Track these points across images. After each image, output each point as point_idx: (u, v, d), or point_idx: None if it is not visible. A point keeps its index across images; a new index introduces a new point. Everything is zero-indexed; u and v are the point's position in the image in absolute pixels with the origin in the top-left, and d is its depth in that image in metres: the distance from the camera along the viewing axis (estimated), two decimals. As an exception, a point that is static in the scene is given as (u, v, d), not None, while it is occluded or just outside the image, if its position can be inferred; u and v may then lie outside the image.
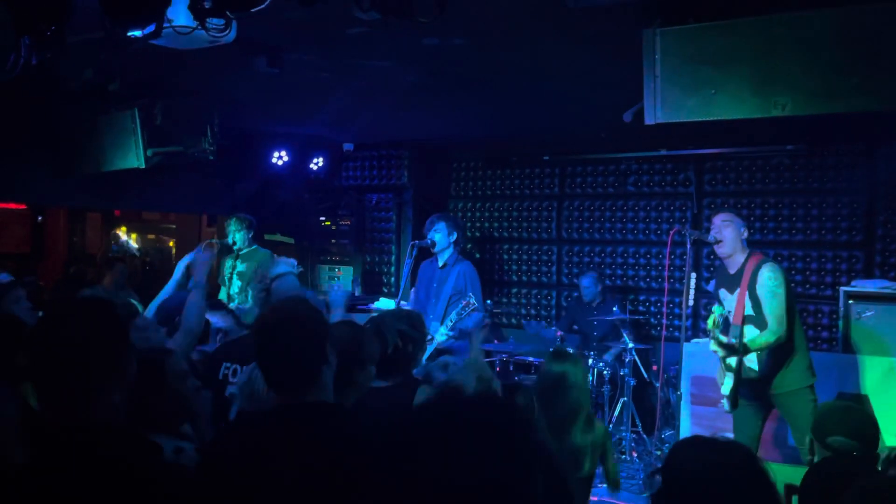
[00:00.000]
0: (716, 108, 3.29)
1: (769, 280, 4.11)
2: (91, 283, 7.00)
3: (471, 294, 5.12)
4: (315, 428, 1.84)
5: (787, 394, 4.20)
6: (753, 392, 4.27)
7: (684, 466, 1.74)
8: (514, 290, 8.02)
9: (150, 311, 3.66)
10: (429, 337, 4.66)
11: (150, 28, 2.77)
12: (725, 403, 4.27)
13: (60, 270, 10.54)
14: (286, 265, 3.49)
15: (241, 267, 6.25)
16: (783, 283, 4.14)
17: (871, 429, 2.68)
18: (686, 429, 5.33)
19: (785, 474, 3.31)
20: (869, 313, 5.37)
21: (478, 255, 8.06)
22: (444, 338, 5.07)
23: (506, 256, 8.06)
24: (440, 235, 5.53)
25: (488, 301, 6.87)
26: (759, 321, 4.16)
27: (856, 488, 1.66)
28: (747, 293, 4.17)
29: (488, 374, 2.47)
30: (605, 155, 7.43)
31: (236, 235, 6.17)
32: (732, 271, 4.33)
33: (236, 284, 6.23)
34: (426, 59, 4.54)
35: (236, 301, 5.98)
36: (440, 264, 5.57)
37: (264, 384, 2.09)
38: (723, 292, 4.42)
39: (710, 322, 4.01)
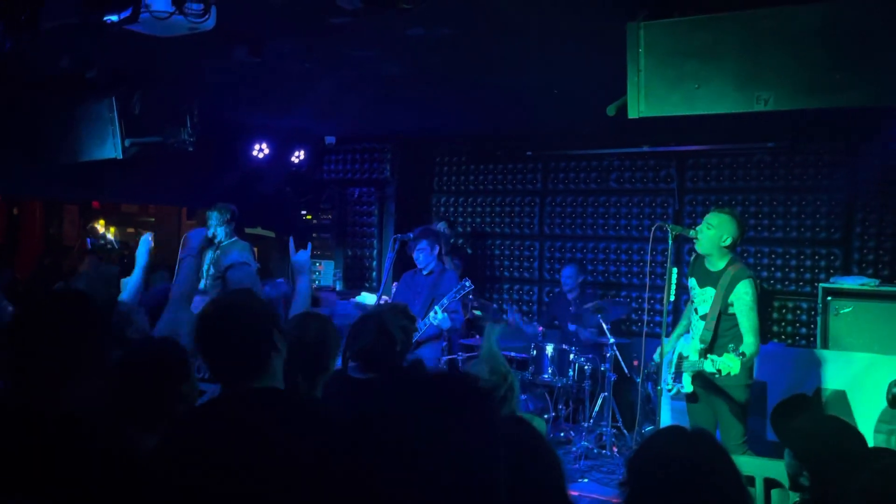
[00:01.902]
0: (699, 103, 3.29)
1: (746, 295, 4.19)
2: (66, 275, 6.89)
3: (467, 279, 5.23)
4: (262, 413, 1.83)
5: (729, 387, 4.26)
6: (707, 384, 4.32)
7: (650, 456, 1.74)
8: (497, 286, 8.01)
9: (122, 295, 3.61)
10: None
11: (127, 12, 2.71)
12: (671, 383, 4.48)
13: (35, 262, 10.37)
14: (239, 255, 3.54)
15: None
16: (756, 297, 4.25)
17: (863, 445, 2.58)
18: (666, 423, 5.35)
19: (764, 468, 3.33)
20: (846, 309, 5.42)
21: (470, 251, 8.03)
22: (439, 319, 5.22)
23: (488, 252, 8.05)
24: (423, 254, 5.58)
25: (471, 297, 6.86)
26: (715, 313, 4.27)
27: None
28: (721, 298, 4.25)
29: (503, 368, 2.42)
30: (587, 151, 7.43)
31: (217, 229, 6.08)
32: (710, 268, 4.37)
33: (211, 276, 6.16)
34: (410, 51, 4.51)
35: (210, 294, 5.92)
36: (425, 272, 5.61)
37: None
38: (693, 281, 4.48)
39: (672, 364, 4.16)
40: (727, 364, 3.89)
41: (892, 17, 2.89)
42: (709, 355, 4.09)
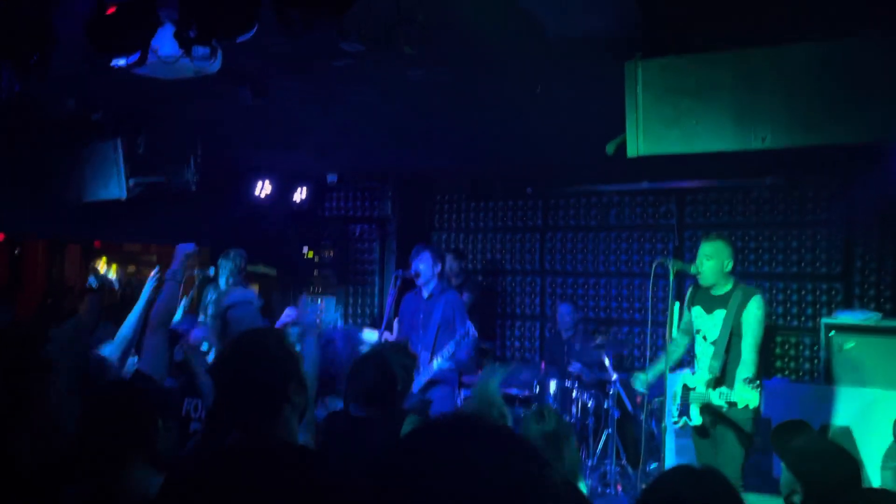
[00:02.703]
0: (697, 141, 3.33)
1: (758, 310, 4.20)
2: (67, 314, 6.88)
3: (468, 323, 5.15)
4: (262, 469, 1.71)
5: (739, 419, 4.20)
6: (715, 416, 4.28)
7: (662, 495, 1.73)
8: (499, 322, 7.99)
9: (120, 335, 3.58)
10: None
11: (135, 56, 2.77)
12: (676, 415, 4.42)
13: (38, 303, 10.37)
14: (242, 294, 3.44)
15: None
16: (765, 316, 4.27)
17: (857, 471, 2.63)
18: (671, 461, 5.29)
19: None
20: (850, 344, 5.40)
21: (481, 278, 7.99)
22: (441, 367, 5.07)
23: (490, 288, 8.05)
24: (424, 266, 5.49)
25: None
26: (725, 340, 4.22)
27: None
28: (732, 318, 4.21)
29: (497, 409, 2.39)
30: (587, 187, 7.49)
31: (228, 278, 6.00)
32: (716, 293, 4.36)
33: (210, 315, 6.15)
34: (411, 91, 4.58)
35: (210, 333, 5.89)
36: (426, 295, 5.53)
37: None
38: (698, 310, 4.45)
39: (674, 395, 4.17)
40: (744, 397, 3.85)
41: (883, 56, 2.94)
42: (718, 388, 4.06)
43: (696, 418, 4.34)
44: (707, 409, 4.26)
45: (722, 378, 4.21)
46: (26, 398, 1.75)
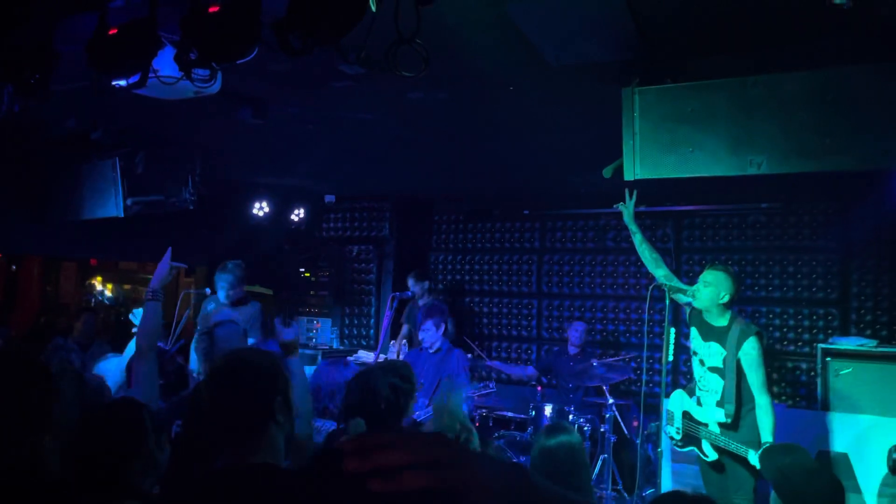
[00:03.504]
0: (693, 166, 3.35)
1: (753, 350, 4.20)
2: (62, 333, 6.86)
3: (461, 375, 5.26)
4: (248, 492, 1.69)
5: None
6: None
7: None
8: (495, 344, 7.97)
9: (124, 359, 3.57)
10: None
11: (136, 77, 2.78)
12: (677, 438, 4.51)
13: (33, 321, 10.33)
14: (229, 314, 3.39)
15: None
16: (763, 352, 4.26)
17: (840, 493, 2.67)
18: (667, 487, 5.25)
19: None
20: (846, 370, 5.39)
21: (477, 300, 8.01)
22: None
23: (486, 309, 8.04)
24: (429, 335, 5.59)
25: (469, 354, 6.82)
26: (732, 382, 4.24)
27: None
28: (733, 358, 4.24)
29: (455, 416, 2.36)
30: (584, 210, 7.51)
31: (228, 291, 5.94)
32: (709, 321, 4.37)
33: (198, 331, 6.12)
34: (410, 113, 4.61)
35: (198, 348, 5.88)
36: (432, 351, 5.62)
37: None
38: (694, 331, 4.47)
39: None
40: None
41: (876, 84, 2.97)
42: (754, 450, 4.02)
43: (711, 455, 4.33)
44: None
45: (737, 421, 4.22)
46: (32, 410, 1.75)
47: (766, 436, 4.07)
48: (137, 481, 2.06)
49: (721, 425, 4.25)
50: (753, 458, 4.00)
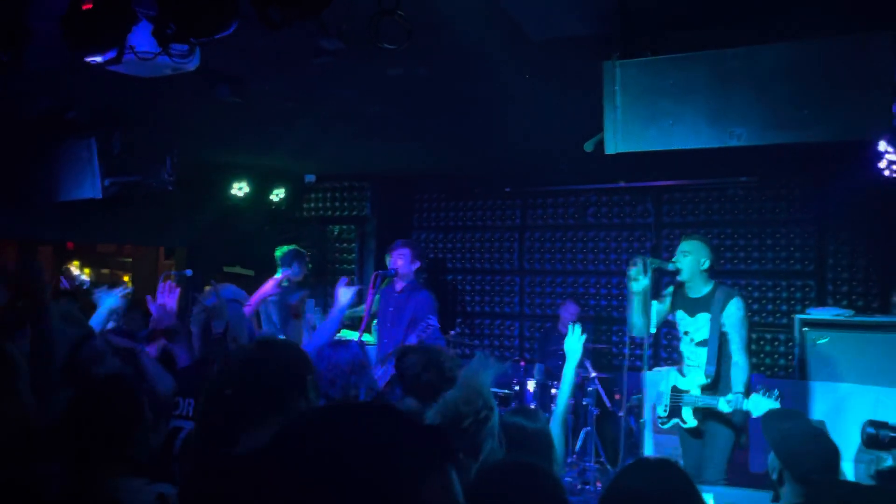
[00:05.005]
0: (674, 138, 3.37)
1: (738, 311, 4.29)
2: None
3: (430, 316, 5.08)
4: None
5: (735, 420, 4.31)
6: (708, 416, 4.36)
7: (622, 491, 1.78)
8: (478, 321, 8.02)
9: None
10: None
11: (112, 53, 2.73)
12: (664, 415, 4.49)
13: (8, 304, 10.18)
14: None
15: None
16: (747, 314, 4.36)
17: (836, 456, 2.73)
18: (649, 457, 5.35)
19: (750, 500, 3.34)
20: (823, 340, 5.49)
21: (460, 277, 8.03)
22: None
23: (468, 287, 8.07)
24: (403, 261, 5.52)
25: (453, 331, 6.85)
26: (715, 344, 4.30)
27: None
28: (717, 321, 4.30)
29: (481, 393, 2.29)
30: (565, 187, 7.55)
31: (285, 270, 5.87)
32: (693, 296, 4.43)
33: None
34: (390, 90, 4.58)
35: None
36: (398, 289, 5.55)
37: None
38: (680, 314, 4.53)
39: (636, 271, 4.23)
40: (761, 406, 3.93)
41: (852, 57, 3.01)
42: (724, 396, 4.10)
43: (690, 421, 4.40)
44: (701, 410, 4.33)
45: (717, 381, 4.29)
46: None
47: (738, 387, 4.15)
48: (137, 454, 2.06)
49: (702, 388, 4.32)
50: (723, 404, 4.09)
